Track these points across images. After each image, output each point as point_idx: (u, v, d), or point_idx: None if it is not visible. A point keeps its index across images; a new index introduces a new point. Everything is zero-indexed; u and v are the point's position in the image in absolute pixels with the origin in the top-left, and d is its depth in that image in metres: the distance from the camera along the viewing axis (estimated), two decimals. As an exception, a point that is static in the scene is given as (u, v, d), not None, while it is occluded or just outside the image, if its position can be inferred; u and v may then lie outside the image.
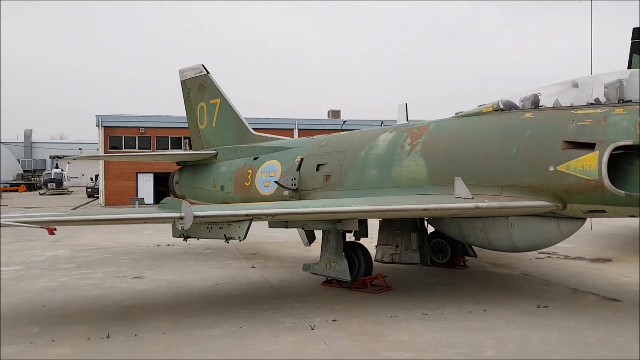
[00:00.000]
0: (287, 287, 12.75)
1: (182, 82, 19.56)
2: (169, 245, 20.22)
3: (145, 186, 50.81)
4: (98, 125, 49.35)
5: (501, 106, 11.54)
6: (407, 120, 14.19)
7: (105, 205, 48.53)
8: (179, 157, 20.71)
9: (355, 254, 12.37)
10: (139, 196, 48.81)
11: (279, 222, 12.16)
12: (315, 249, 16.46)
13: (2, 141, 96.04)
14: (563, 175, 9.98)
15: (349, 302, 10.99)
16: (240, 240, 10.68)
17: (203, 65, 18.88)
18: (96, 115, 49.50)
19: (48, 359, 7.93)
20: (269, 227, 12.41)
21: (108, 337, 8.80)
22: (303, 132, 47.44)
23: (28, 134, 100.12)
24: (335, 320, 9.65)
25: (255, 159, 16.25)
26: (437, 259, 14.80)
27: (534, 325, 9.31)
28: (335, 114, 58.38)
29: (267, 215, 10.12)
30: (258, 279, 13.70)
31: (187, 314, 10.29)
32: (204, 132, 18.95)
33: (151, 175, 50.63)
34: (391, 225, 13.90)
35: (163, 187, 50.82)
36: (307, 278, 13.57)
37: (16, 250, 18.92)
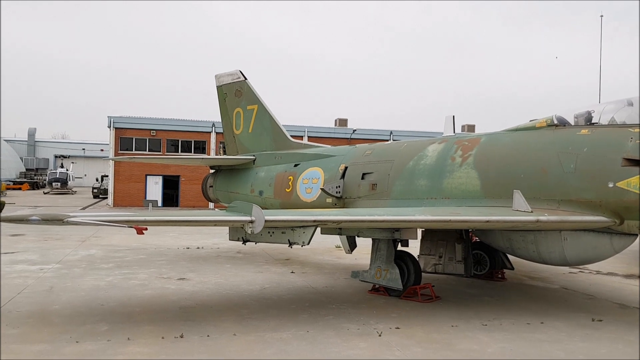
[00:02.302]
0: (335, 293, 12.89)
1: (218, 87, 19.73)
2: (198, 248, 20.35)
3: (155, 188, 50.96)
4: (109, 126, 49.47)
5: (555, 122, 11.76)
6: (454, 132, 14.40)
7: (113, 206, 48.54)
8: (216, 161, 20.84)
9: (404, 262, 12.52)
10: (147, 198, 49.05)
11: (332, 228, 12.31)
12: (348, 256, 16.69)
13: (5, 139, 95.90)
14: (623, 192, 10.19)
15: (404, 310, 11.14)
16: (302, 246, 10.87)
17: (241, 72, 19.07)
18: (108, 116, 49.65)
19: (129, 358, 8.03)
20: (321, 233, 12.55)
21: (182, 336, 8.92)
22: (312, 139, 47.68)
23: (32, 133, 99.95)
24: (398, 328, 9.79)
25: (296, 165, 16.40)
26: (475, 270, 14.96)
27: (596, 338, 9.48)
28: (342, 122, 58.74)
29: (334, 221, 10.28)
30: (303, 285, 13.83)
31: (248, 316, 10.43)
32: (239, 137, 19.11)
33: (160, 177, 50.82)
34: (434, 236, 14.09)
35: (170, 190, 51.10)
36: (351, 284, 13.73)
37: (49, 249, 19.00)
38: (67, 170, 75.80)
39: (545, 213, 10.60)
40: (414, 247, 13.50)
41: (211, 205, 40.65)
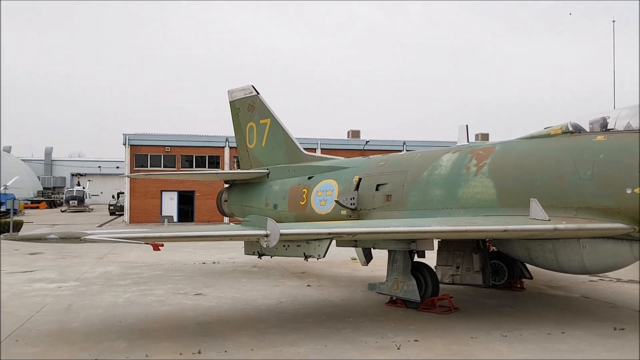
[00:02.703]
0: (352, 306, 12.81)
1: (231, 102, 19.87)
2: (214, 263, 20.39)
3: (170, 204, 51.28)
4: (125, 144, 49.99)
5: (570, 128, 11.66)
6: (468, 141, 14.33)
7: (130, 222, 48.88)
8: (230, 175, 20.91)
9: (422, 274, 12.42)
10: (163, 214, 49.35)
11: (347, 241, 12.27)
12: (364, 269, 16.59)
13: (22, 158, 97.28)
14: (642, 198, 10.04)
15: (422, 322, 11.03)
16: (318, 259, 10.85)
17: (253, 86, 19.20)
18: (123, 134, 50.18)
19: (147, 374, 8.04)
20: (337, 245, 12.51)
21: (199, 352, 8.92)
22: (325, 151, 47.81)
23: (49, 152, 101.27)
24: (417, 341, 9.69)
25: (309, 178, 16.42)
26: (493, 280, 14.79)
27: (618, 347, 9.31)
28: (355, 134, 58.84)
29: (349, 233, 10.25)
30: (320, 298, 13.77)
31: (265, 331, 10.39)
32: (253, 152, 19.19)
33: (175, 193, 51.15)
34: (451, 246, 13.97)
35: (186, 205, 51.39)
36: (368, 297, 13.65)
37: (67, 267, 19.14)
38: (83, 188, 76.65)
39: (563, 221, 10.48)
40: (430, 258, 13.39)
41: (226, 219, 40.89)
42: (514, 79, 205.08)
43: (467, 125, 14.37)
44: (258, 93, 19.05)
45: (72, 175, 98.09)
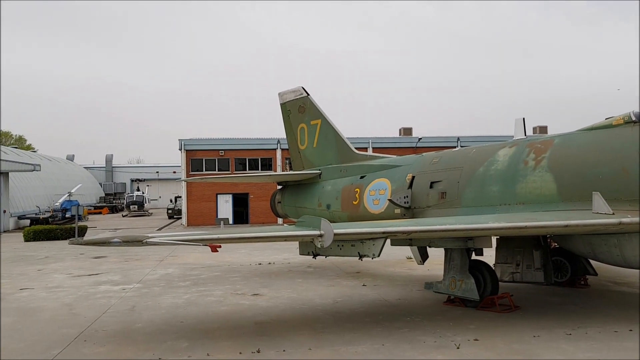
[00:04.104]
0: (409, 305, 12.70)
1: (281, 104, 20.05)
2: (270, 263, 20.64)
3: (225, 207, 52.16)
4: (180, 149, 51.23)
5: (633, 118, 11.18)
6: (525, 134, 13.93)
7: (187, 225, 50.09)
8: (283, 177, 21.16)
9: (480, 272, 12.19)
10: (219, 216, 50.30)
11: (402, 239, 12.17)
12: (420, 268, 16.38)
13: (85, 166, 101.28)
14: None
15: (482, 322, 10.81)
16: (373, 258, 10.81)
17: (303, 88, 19.31)
18: (179, 139, 51.44)
19: (209, 373, 8.21)
20: (391, 244, 12.43)
21: (259, 351, 9.05)
22: (377, 150, 47.54)
23: (109, 159, 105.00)
24: (477, 340, 9.50)
25: (362, 177, 16.38)
26: (556, 277, 14.33)
27: (693, 346, 8.85)
28: (407, 131, 58.21)
29: (404, 232, 10.17)
30: (375, 297, 13.71)
31: (322, 330, 10.44)
32: (304, 153, 19.31)
33: (230, 196, 52.00)
34: (510, 243, 13.62)
35: (240, 207, 52.24)
36: (425, 296, 13.49)
37: (130, 269, 19.80)
38: (143, 193, 79.05)
39: (628, 214, 10.07)
40: (489, 256, 13.11)
41: (280, 220, 41.29)
42: (574, 69, 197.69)
43: (523, 119, 13.97)
44: (308, 94, 19.15)
45: (132, 180, 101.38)
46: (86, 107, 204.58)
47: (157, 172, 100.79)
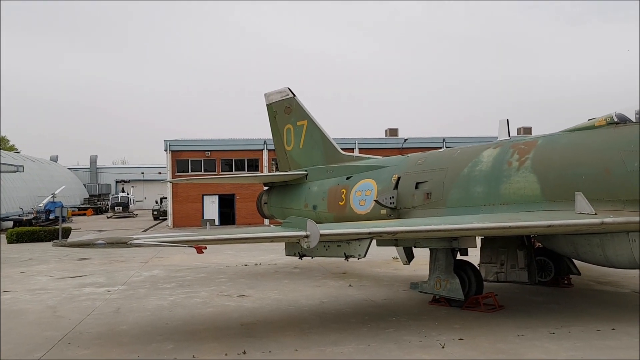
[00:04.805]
0: (395, 305, 12.75)
1: (267, 105, 20.04)
2: (256, 264, 20.60)
3: (211, 208, 51.95)
4: (166, 150, 50.92)
5: (615, 119, 11.34)
6: (509, 135, 14.06)
7: (173, 227, 49.81)
8: (269, 178, 21.15)
9: (465, 272, 12.28)
10: (205, 218, 50.09)
11: (388, 240, 12.22)
12: (406, 268, 16.45)
13: (69, 167, 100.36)
14: (693, 189, 9.68)
15: (467, 321, 10.89)
16: (359, 259, 10.84)
17: (289, 89, 19.31)
18: (164, 140, 51.13)
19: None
20: (377, 245, 12.47)
21: (244, 352, 9.04)
22: (363, 151, 47.62)
23: (93, 160, 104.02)
24: (462, 339, 9.57)
25: (348, 178, 16.42)
26: (540, 277, 14.47)
27: (673, 344, 8.99)
28: (393, 132, 58.42)
29: (389, 233, 10.21)
30: (362, 298, 13.75)
31: (308, 331, 10.45)
32: (291, 154, 19.31)
33: (216, 197, 51.78)
34: (495, 243, 13.73)
35: (226, 208, 52.07)
36: (410, 296, 13.56)
37: (114, 271, 19.67)
38: (127, 194, 78.31)
39: (610, 215, 10.21)
40: (474, 256, 13.21)
41: (266, 221, 41.23)
42: (558, 70, 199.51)
43: (507, 120, 14.10)
44: (294, 95, 19.16)
45: (117, 182, 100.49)
46: (70, 107, 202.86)
47: (142, 173, 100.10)
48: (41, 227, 38.92)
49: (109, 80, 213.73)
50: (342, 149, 18.52)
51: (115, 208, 72.52)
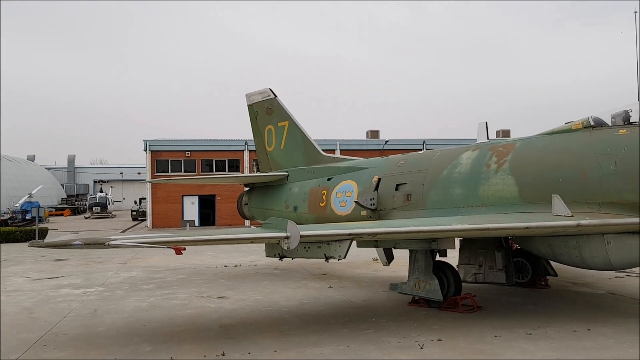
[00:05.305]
0: (374, 306, 12.79)
1: (249, 106, 19.97)
2: (236, 266, 20.51)
3: (191, 208, 51.58)
4: (145, 150, 50.47)
5: (592, 123, 11.51)
6: (488, 138, 14.21)
7: (152, 227, 49.35)
8: (250, 179, 21.07)
9: (444, 273, 12.37)
10: (185, 218, 49.72)
11: (368, 241, 12.25)
12: (386, 269, 16.50)
13: (46, 166, 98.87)
14: (666, 192, 9.88)
15: (445, 322, 10.97)
16: (339, 260, 10.85)
17: (270, 89, 19.28)
18: (144, 140, 50.70)
19: (173, 376, 8.11)
20: (358, 246, 12.51)
21: (223, 354, 8.99)
22: (344, 152, 47.79)
23: (71, 159, 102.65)
24: (440, 340, 9.64)
25: (329, 179, 16.44)
26: (517, 278, 14.63)
27: (647, 344, 9.16)
28: (374, 134, 58.66)
29: (369, 234, 10.25)
30: (342, 299, 13.77)
31: (288, 332, 10.43)
32: (272, 154, 19.27)
33: (196, 197, 51.45)
34: (473, 245, 13.87)
35: (207, 209, 51.75)
36: (390, 297, 13.61)
37: (92, 272, 19.43)
38: (106, 194, 77.43)
39: (587, 217, 10.36)
40: (452, 257, 13.31)
41: (247, 222, 41.08)
42: (537, 74, 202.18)
43: (486, 122, 14.25)
44: (276, 96, 19.12)
45: (95, 182, 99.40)
46: (48, 106, 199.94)
47: (121, 173, 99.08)
48: (17, 228, 38.37)
49: (88, 78, 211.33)
50: (323, 150, 18.54)
51: (94, 208, 71.67)
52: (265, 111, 19.38)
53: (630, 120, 11.19)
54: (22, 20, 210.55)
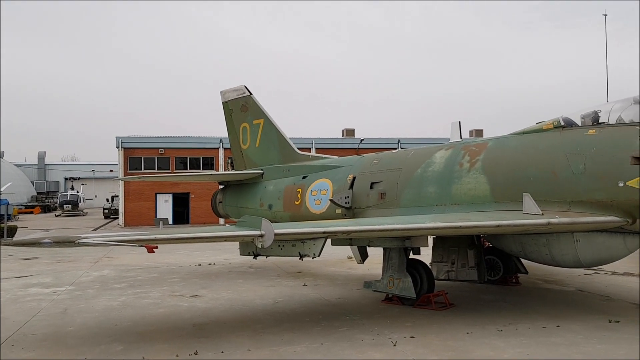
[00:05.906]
0: (348, 304, 12.82)
1: (224, 103, 19.84)
2: (210, 264, 20.37)
3: (165, 206, 51.05)
4: (118, 147, 49.79)
5: (562, 123, 11.73)
6: (461, 137, 14.37)
7: (124, 226, 48.70)
8: (224, 177, 20.93)
9: (417, 271, 12.46)
10: (158, 216, 49.15)
11: (343, 239, 12.29)
12: (360, 267, 16.57)
13: (15, 163, 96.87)
14: (633, 191, 10.13)
15: (418, 319, 11.06)
16: (313, 258, 10.90)
17: (246, 87, 19.18)
18: (116, 137, 50.00)
19: (144, 376, 8.02)
20: (332, 244, 12.52)
21: (196, 354, 8.91)
22: (320, 151, 47.81)
23: (42, 156, 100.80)
24: (413, 337, 9.71)
25: (304, 177, 16.44)
26: (489, 275, 14.82)
27: (613, 340, 9.37)
28: (349, 132, 58.82)
29: (344, 232, 10.27)
30: (316, 297, 13.78)
31: (261, 331, 10.40)
32: (247, 152, 19.18)
33: (170, 195, 50.96)
34: (446, 243, 14.02)
35: (181, 207, 51.26)
36: (364, 295, 13.67)
37: (62, 271, 19.08)
38: (77, 192, 76.22)
39: (557, 215, 10.55)
40: (426, 255, 13.43)
41: (222, 221, 40.83)
42: (510, 74, 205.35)
43: (459, 122, 14.41)
44: (251, 93, 19.04)
45: (66, 179, 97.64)
46: (15, 101, 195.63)
47: (93, 170, 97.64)
48: (-16, 226, 37.47)
49: (60, 73, 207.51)
50: (298, 148, 18.51)
51: (64, 206, 70.57)
52: (240, 109, 19.28)
53: (600, 121, 11.44)
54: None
